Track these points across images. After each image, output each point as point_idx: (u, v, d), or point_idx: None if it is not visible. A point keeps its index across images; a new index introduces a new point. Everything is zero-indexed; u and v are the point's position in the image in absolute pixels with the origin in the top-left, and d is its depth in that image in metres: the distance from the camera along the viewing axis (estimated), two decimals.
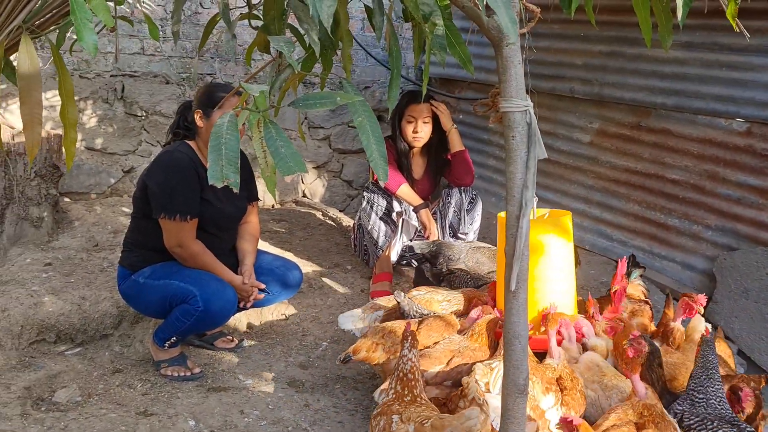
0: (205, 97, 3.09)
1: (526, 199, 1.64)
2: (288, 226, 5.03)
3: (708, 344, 2.47)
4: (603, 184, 4.70)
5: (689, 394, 2.45)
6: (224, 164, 1.49)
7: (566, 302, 2.99)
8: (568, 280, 3.04)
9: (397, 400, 2.38)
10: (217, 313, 3.03)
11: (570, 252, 3.06)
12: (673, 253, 4.28)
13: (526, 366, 1.71)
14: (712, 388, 2.41)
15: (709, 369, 2.43)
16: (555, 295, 2.94)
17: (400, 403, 2.36)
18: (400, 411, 2.31)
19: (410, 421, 2.22)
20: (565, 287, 3.01)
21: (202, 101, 3.09)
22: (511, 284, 1.65)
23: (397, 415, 2.29)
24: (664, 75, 4.25)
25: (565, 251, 3.02)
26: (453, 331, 2.87)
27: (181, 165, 3.03)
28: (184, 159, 3.05)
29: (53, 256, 3.92)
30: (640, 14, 2.29)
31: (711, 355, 2.45)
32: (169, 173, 3.03)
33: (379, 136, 1.76)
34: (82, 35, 1.22)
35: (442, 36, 2.13)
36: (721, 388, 2.43)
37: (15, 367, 3.13)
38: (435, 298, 3.19)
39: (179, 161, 3.04)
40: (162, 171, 3.05)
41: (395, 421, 2.28)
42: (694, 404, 2.41)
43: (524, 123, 1.64)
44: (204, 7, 5.17)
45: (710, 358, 2.44)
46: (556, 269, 2.95)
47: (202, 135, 3.11)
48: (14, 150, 4.02)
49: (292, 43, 1.69)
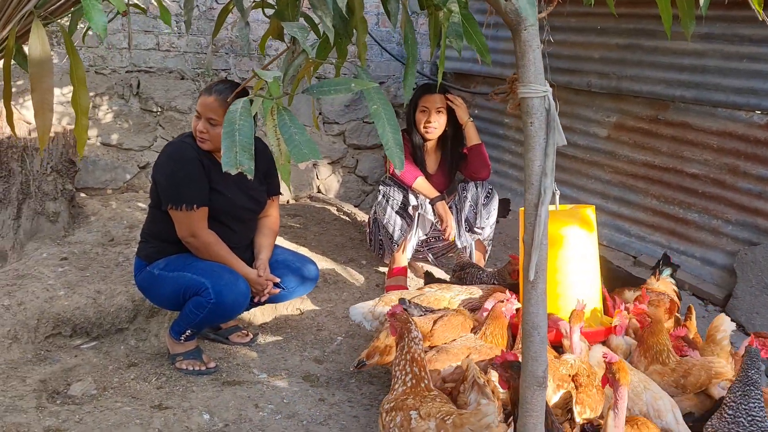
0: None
1: (545, 186, 1.60)
2: (303, 221, 5.02)
3: (752, 357, 2.28)
4: (620, 178, 4.64)
5: (722, 408, 2.31)
6: (238, 151, 1.47)
7: (591, 295, 2.95)
8: (593, 273, 3.00)
9: (411, 394, 2.34)
10: (229, 305, 3.02)
11: (594, 245, 3.02)
12: (693, 249, 4.22)
13: (545, 357, 1.67)
14: (745, 406, 2.24)
15: (747, 385, 2.25)
16: (578, 288, 2.90)
17: (414, 397, 2.33)
18: (417, 406, 2.28)
19: (430, 417, 2.19)
20: (590, 280, 2.97)
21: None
22: (530, 274, 1.62)
23: (414, 410, 2.26)
24: (683, 67, 4.19)
25: (589, 244, 2.98)
26: (469, 328, 2.84)
27: (184, 155, 3.03)
28: (188, 149, 3.04)
29: (69, 251, 3.93)
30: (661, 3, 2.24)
31: (752, 370, 2.26)
32: (173, 164, 3.03)
33: (395, 123, 1.74)
34: (91, 16, 1.20)
35: (458, 23, 2.10)
36: (757, 406, 2.24)
37: (31, 361, 3.13)
38: (444, 295, 3.17)
39: (183, 151, 3.04)
40: (167, 162, 3.06)
41: (414, 418, 2.24)
42: (720, 419, 2.28)
43: (543, 109, 1.60)
44: (218, 3, 5.17)
45: (750, 373, 2.25)
46: (579, 262, 2.91)
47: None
48: (31, 145, 4.04)
49: (307, 29, 1.67)
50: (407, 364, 2.41)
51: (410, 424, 2.22)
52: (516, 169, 5.47)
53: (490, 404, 2.20)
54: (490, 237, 4.13)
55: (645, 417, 2.40)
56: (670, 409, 2.45)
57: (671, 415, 2.43)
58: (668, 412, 2.44)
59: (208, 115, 2.97)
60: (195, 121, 3.04)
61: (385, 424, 2.32)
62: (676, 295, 3.39)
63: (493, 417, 2.14)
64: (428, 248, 4.28)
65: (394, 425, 2.27)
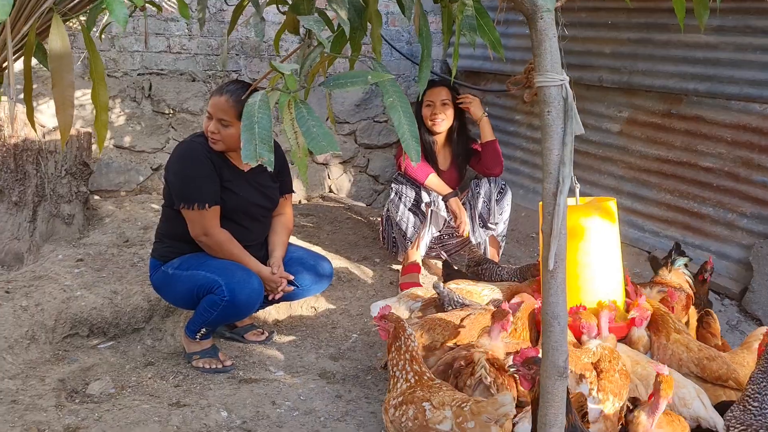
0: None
1: (563, 175, 1.60)
2: (315, 220, 5.03)
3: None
4: (633, 173, 4.62)
5: (744, 399, 2.25)
6: (257, 143, 1.47)
7: (613, 289, 2.94)
8: (615, 266, 2.98)
9: (417, 386, 2.34)
10: (243, 302, 3.03)
11: (616, 238, 3.00)
12: (708, 243, 4.19)
13: (565, 347, 1.67)
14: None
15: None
16: (600, 281, 2.88)
17: (422, 389, 2.32)
18: (428, 397, 2.27)
19: (444, 405, 2.19)
20: (612, 274, 2.95)
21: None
22: (549, 263, 1.62)
23: (427, 402, 2.25)
24: (696, 60, 4.17)
25: (611, 237, 2.96)
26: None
27: (194, 154, 3.04)
28: (197, 148, 3.06)
29: (85, 252, 3.95)
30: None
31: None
32: (183, 163, 3.05)
33: (411, 116, 1.74)
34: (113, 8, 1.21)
35: (471, 17, 2.10)
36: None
37: (49, 361, 3.15)
38: (475, 289, 3.16)
39: (192, 151, 3.06)
40: (178, 162, 3.08)
41: (428, 409, 2.24)
42: (744, 411, 2.23)
43: (560, 98, 1.60)
44: (228, 4, 5.19)
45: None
46: (600, 255, 2.90)
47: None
48: (45, 148, 4.07)
49: (322, 22, 1.67)
50: (407, 363, 2.39)
51: (425, 416, 2.21)
52: (527, 165, 5.45)
53: (507, 393, 2.19)
54: (503, 233, 4.13)
55: (672, 408, 2.38)
56: (695, 396, 2.42)
57: (698, 402, 2.40)
58: (694, 399, 2.40)
59: (220, 115, 2.98)
60: (206, 121, 3.06)
61: (394, 419, 2.29)
62: (690, 286, 3.36)
63: (510, 407, 2.13)
64: (441, 245, 4.27)
65: (406, 419, 2.26)
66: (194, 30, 5.16)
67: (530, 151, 5.41)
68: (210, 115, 3.02)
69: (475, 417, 2.09)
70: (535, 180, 5.37)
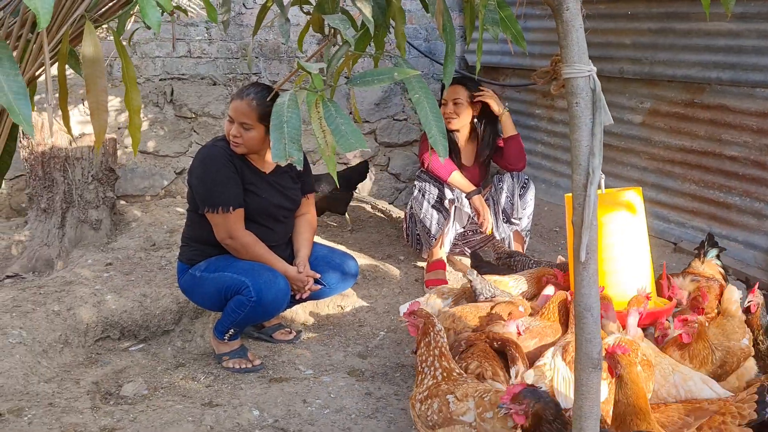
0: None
1: (593, 166, 1.59)
2: (338, 219, 5.05)
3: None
4: (657, 164, 4.58)
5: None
6: (287, 142, 1.49)
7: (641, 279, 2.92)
8: (642, 256, 2.97)
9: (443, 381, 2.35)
10: (270, 302, 3.06)
11: (642, 227, 2.99)
12: (735, 233, 4.15)
13: (599, 339, 1.66)
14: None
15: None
16: (628, 272, 2.87)
17: (447, 383, 2.33)
18: (452, 390, 2.28)
19: (467, 397, 2.20)
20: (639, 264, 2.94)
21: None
22: (581, 255, 1.61)
23: (450, 394, 2.27)
24: (718, 49, 4.12)
25: (637, 227, 2.95)
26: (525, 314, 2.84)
27: (216, 158, 3.07)
28: (219, 152, 3.09)
29: (113, 257, 4.01)
30: None
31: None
32: (206, 168, 3.08)
33: (437, 112, 1.74)
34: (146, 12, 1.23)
35: (494, 11, 2.10)
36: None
37: (83, 364, 3.21)
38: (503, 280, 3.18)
39: (214, 155, 3.08)
40: (200, 166, 3.11)
41: (452, 401, 2.25)
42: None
43: (588, 88, 1.60)
44: (247, 8, 5.23)
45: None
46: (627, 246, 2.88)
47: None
48: (72, 155, 4.13)
49: (348, 21, 1.69)
50: (435, 359, 2.40)
51: (449, 408, 2.23)
52: (548, 159, 5.43)
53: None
54: (527, 227, 4.11)
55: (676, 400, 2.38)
56: (702, 386, 2.42)
57: (707, 390, 2.40)
58: (701, 389, 2.41)
59: (241, 119, 3.01)
60: (228, 125, 3.07)
61: (420, 413, 2.31)
62: (723, 278, 3.33)
63: None
64: (465, 242, 4.27)
65: (431, 412, 2.27)
66: (214, 34, 5.20)
67: (551, 145, 5.39)
68: (231, 119, 3.04)
69: (494, 407, 2.10)
70: (557, 174, 5.34)
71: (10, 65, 1.16)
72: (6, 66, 1.16)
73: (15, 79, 1.15)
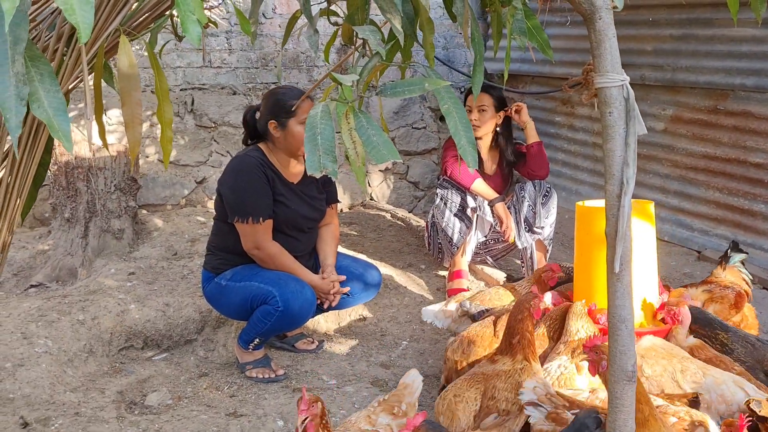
0: (277, 106, 3.09)
1: (627, 177, 1.58)
2: (358, 228, 5.04)
3: None
4: (680, 172, 4.55)
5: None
6: (321, 154, 1.49)
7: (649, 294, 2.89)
8: (651, 270, 2.94)
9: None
10: (296, 312, 3.06)
11: (652, 242, 2.96)
12: (761, 241, 4.10)
13: (633, 351, 1.64)
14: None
15: None
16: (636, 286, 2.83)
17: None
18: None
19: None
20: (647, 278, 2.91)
21: (274, 111, 3.09)
22: (615, 266, 1.60)
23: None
24: (742, 55, 4.09)
25: (648, 240, 2.92)
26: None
27: (249, 168, 3.08)
28: (252, 162, 3.09)
29: (136, 266, 4.03)
30: None
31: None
32: (238, 177, 3.08)
33: (467, 122, 1.73)
34: (187, 26, 1.24)
35: (521, 20, 2.10)
36: None
37: (107, 373, 3.22)
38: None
39: (248, 165, 3.09)
40: (232, 176, 3.11)
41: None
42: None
43: (621, 98, 1.58)
44: (266, 17, 5.26)
45: None
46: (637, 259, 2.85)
47: (278, 143, 3.12)
48: (95, 165, 4.16)
49: (378, 32, 1.68)
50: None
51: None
52: (569, 167, 5.40)
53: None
54: (550, 236, 4.09)
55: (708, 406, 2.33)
56: (737, 389, 2.36)
57: (741, 394, 2.34)
58: (737, 392, 2.35)
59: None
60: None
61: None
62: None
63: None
64: (487, 251, 4.25)
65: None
66: (234, 44, 5.24)
67: (572, 153, 5.36)
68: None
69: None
70: (577, 182, 5.31)
71: (50, 81, 1.17)
72: (47, 82, 1.17)
73: (55, 96, 1.16)
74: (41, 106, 1.21)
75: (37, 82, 1.25)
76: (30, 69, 1.25)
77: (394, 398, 2.24)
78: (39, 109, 1.25)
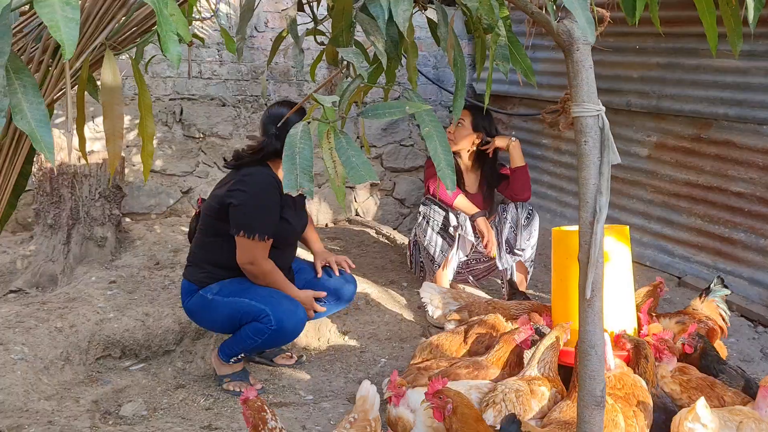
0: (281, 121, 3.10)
1: (600, 204, 1.61)
2: (342, 244, 5.05)
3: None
4: (663, 198, 4.60)
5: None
6: (299, 173, 1.51)
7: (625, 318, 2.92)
8: (627, 294, 2.97)
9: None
10: (289, 332, 3.11)
11: (628, 266, 2.99)
12: (740, 269, 4.15)
13: (602, 376, 1.66)
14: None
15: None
16: (611, 309, 2.86)
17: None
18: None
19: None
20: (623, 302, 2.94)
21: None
22: (587, 292, 1.62)
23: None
24: (726, 85, 4.16)
25: (623, 265, 2.95)
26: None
27: (266, 187, 3.08)
28: (267, 179, 3.09)
29: (117, 275, 4.01)
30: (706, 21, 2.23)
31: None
32: (254, 193, 3.06)
33: (446, 145, 1.76)
34: (168, 47, 1.26)
35: (504, 46, 2.13)
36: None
37: (83, 382, 3.20)
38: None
39: (264, 183, 3.08)
40: (248, 190, 3.07)
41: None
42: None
43: (596, 128, 1.62)
44: (258, 31, 5.29)
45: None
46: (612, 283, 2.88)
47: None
48: (80, 172, 4.16)
49: (361, 54, 1.71)
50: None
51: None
52: (554, 189, 5.45)
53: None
54: (531, 258, 4.11)
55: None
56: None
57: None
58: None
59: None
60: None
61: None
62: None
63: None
64: (469, 270, 4.27)
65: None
66: (225, 56, 5.26)
67: (557, 175, 5.41)
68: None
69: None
70: (563, 204, 5.36)
71: (33, 94, 1.19)
72: (30, 94, 1.18)
73: (38, 108, 1.18)
74: (24, 117, 1.22)
75: (20, 94, 1.27)
76: (13, 81, 1.26)
77: (361, 416, 2.24)
78: (22, 121, 1.26)
